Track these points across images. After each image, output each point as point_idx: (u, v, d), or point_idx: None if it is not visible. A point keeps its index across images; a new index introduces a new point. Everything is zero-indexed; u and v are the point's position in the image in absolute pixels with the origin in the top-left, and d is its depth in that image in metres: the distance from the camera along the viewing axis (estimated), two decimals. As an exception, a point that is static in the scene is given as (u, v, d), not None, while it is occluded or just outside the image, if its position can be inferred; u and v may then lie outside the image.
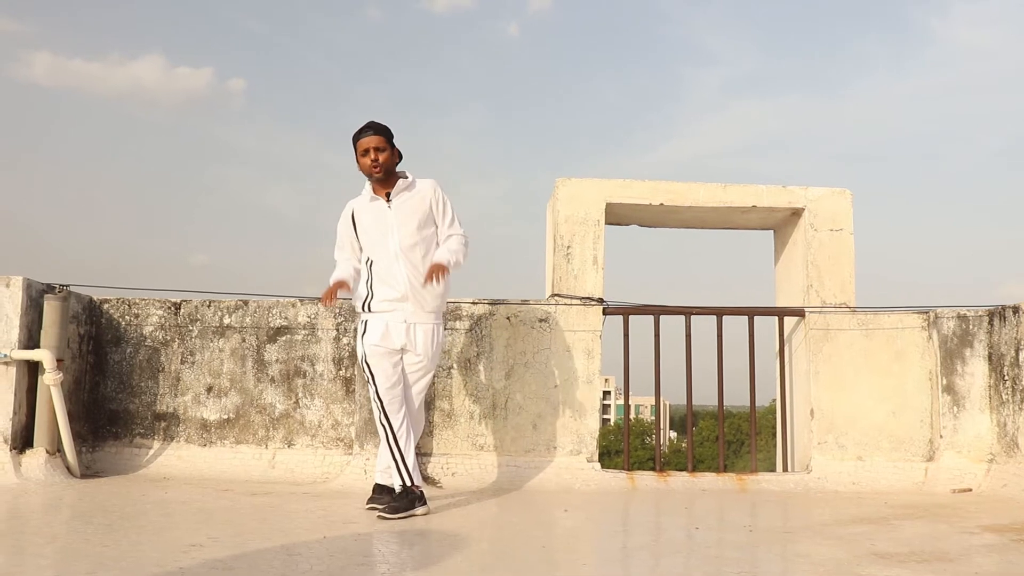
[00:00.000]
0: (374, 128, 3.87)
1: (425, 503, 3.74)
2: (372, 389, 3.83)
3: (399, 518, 3.59)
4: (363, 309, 3.91)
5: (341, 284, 3.87)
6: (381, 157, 3.85)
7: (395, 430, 3.79)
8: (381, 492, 3.86)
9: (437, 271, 3.80)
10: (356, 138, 3.89)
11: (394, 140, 3.91)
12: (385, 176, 3.89)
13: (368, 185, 3.96)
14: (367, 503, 3.86)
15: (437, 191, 3.96)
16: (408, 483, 3.74)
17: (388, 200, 3.90)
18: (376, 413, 3.85)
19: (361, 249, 3.97)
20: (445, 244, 3.94)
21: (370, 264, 3.93)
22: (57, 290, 4.66)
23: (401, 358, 3.88)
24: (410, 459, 3.79)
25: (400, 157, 3.94)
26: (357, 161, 3.90)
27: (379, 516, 3.62)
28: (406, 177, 3.95)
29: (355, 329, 4.13)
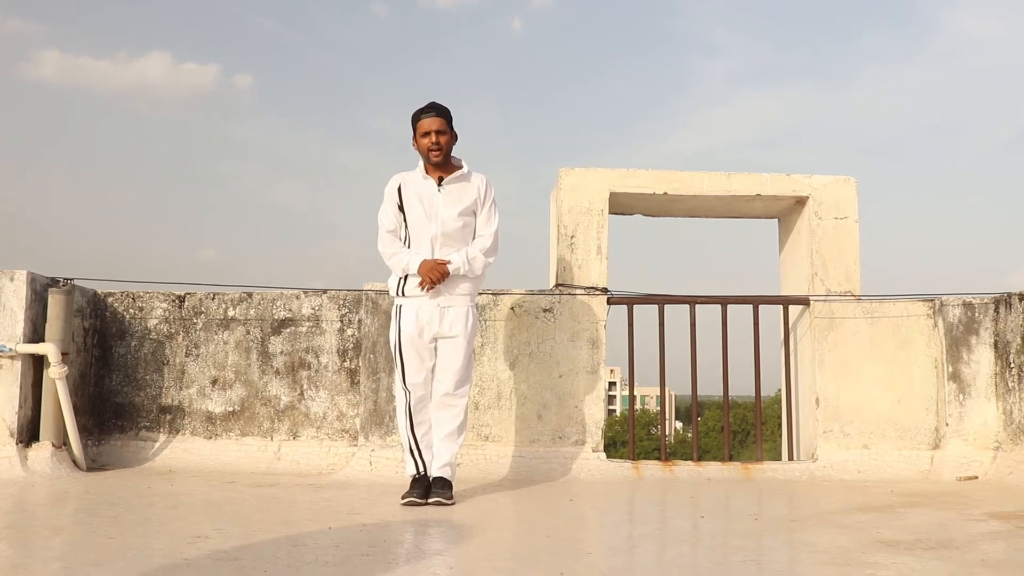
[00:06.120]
0: (436, 109, 3.83)
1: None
2: (399, 377, 3.85)
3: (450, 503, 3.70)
4: (397, 293, 3.90)
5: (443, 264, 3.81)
6: (442, 140, 3.81)
7: (414, 422, 3.84)
8: (442, 486, 3.79)
9: (436, 269, 3.76)
10: (416, 118, 3.85)
11: (453, 123, 3.87)
12: (444, 160, 3.85)
13: (421, 163, 3.91)
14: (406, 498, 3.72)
15: (487, 185, 3.93)
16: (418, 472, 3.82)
17: (440, 183, 3.87)
18: (401, 402, 3.87)
19: (406, 224, 3.91)
20: (467, 250, 3.84)
21: (407, 246, 3.91)
22: (61, 284, 4.66)
23: (435, 348, 3.88)
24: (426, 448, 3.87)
25: (456, 138, 3.90)
26: (415, 140, 3.86)
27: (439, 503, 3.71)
28: (462, 167, 3.91)
29: (390, 313, 4.09)
